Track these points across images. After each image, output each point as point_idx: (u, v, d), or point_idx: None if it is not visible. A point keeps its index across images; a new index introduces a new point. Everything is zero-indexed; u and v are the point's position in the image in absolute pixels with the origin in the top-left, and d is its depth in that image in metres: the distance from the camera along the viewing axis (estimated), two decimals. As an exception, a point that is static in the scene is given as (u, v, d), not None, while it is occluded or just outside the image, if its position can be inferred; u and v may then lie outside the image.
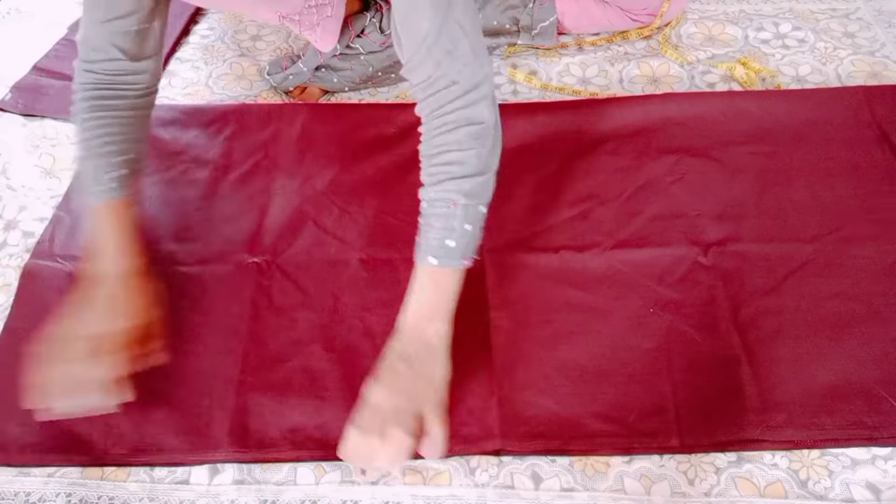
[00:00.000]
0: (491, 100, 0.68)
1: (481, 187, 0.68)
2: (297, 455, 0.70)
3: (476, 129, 0.67)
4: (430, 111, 0.68)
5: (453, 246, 0.67)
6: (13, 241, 0.91)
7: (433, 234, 0.68)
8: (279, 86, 1.07)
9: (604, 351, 0.76)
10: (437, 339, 0.68)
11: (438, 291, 0.69)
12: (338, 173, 0.94)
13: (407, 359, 0.67)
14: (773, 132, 0.96)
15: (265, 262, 0.85)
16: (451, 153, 0.67)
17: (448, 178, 0.67)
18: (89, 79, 0.77)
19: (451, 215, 0.67)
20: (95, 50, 0.76)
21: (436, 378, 0.67)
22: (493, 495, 0.68)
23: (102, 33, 0.75)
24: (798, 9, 1.18)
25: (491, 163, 0.69)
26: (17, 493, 0.70)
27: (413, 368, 0.66)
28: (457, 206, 0.67)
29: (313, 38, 0.97)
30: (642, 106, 1.01)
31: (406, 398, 0.65)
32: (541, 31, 1.08)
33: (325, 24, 0.96)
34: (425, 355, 0.67)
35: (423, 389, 0.66)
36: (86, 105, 0.77)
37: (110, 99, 0.78)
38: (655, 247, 0.85)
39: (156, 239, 0.88)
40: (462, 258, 0.68)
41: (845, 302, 0.79)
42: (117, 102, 0.78)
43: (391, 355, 0.68)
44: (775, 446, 0.69)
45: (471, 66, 0.66)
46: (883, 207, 0.87)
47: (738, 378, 0.74)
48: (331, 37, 0.96)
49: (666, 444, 0.70)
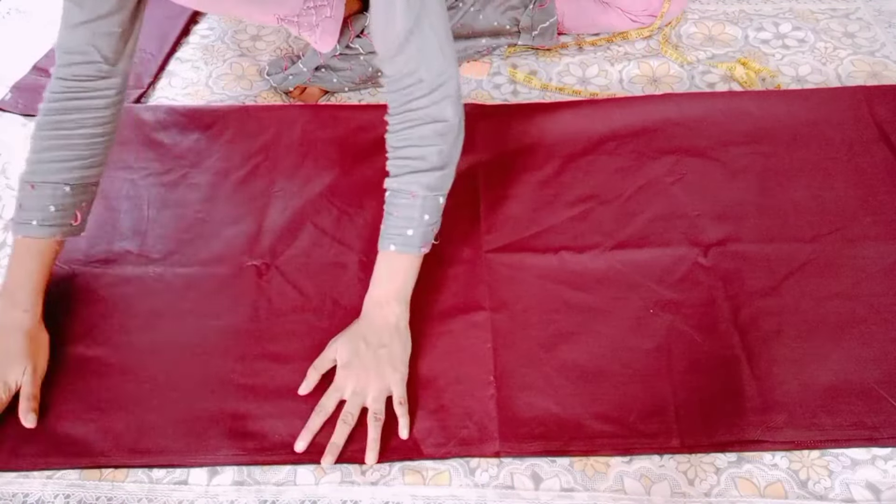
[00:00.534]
0: (455, 98, 0.73)
1: (440, 180, 0.74)
2: (297, 458, 0.70)
3: (440, 126, 0.72)
4: (398, 105, 0.74)
5: (411, 234, 0.73)
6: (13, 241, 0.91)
7: (393, 222, 0.74)
8: (279, 86, 1.07)
9: (604, 351, 0.76)
10: (396, 319, 0.74)
11: (398, 276, 0.75)
12: (337, 175, 0.94)
13: (368, 340, 0.73)
14: (773, 132, 0.96)
15: (264, 264, 0.85)
16: (413, 148, 0.73)
17: (409, 172, 0.73)
18: (59, 87, 0.76)
19: (412, 206, 0.73)
20: (73, 53, 0.75)
21: (397, 357, 0.74)
22: (493, 495, 0.68)
23: (83, 35, 0.74)
24: (798, 9, 1.17)
25: (452, 157, 0.74)
26: (16, 495, 0.70)
27: (374, 349, 0.73)
28: (416, 198, 0.73)
29: (312, 39, 0.97)
30: (642, 106, 1.01)
31: (370, 378, 0.72)
32: (541, 31, 1.08)
33: (324, 25, 0.96)
34: (386, 336, 0.74)
35: (388, 369, 0.72)
36: (47, 120, 0.76)
37: (75, 112, 0.76)
38: (655, 247, 0.85)
39: (155, 241, 0.88)
40: (420, 246, 0.74)
41: (845, 302, 0.79)
42: (85, 117, 0.76)
43: (354, 337, 0.74)
44: (775, 447, 0.69)
45: (438, 66, 0.71)
46: (883, 207, 0.87)
47: (738, 378, 0.74)
48: (330, 37, 0.96)
49: (666, 445, 0.70)
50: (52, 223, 0.75)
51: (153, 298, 0.82)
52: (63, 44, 0.75)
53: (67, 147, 0.76)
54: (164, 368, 0.76)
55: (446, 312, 0.80)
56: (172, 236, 0.88)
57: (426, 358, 0.77)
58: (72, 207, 0.76)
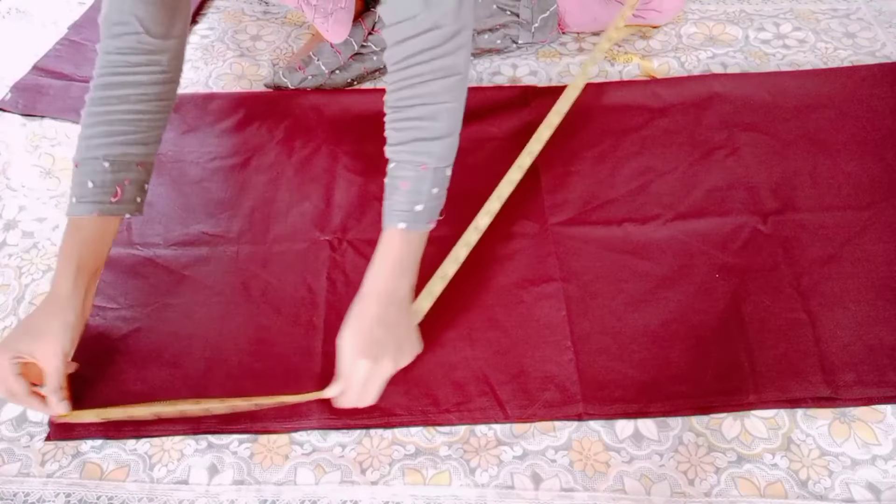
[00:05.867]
0: (468, 50, 0.68)
1: (449, 150, 0.70)
2: (387, 421, 0.73)
3: (452, 80, 0.67)
4: (404, 57, 0.66)
5: (420, 210, 0.70)
6: (13, 241, 0.91)
7: (401, 196, 0.70)
8: (297, 86, 1.07)
9: (674, 316, 0.79)
10: (405, 294, 0.72)
11: (406, 253, 0.71)
12: None
13: (384, 323, 0.69)
14: (819, 107, 0.99)
15: (336, 238, 0.89)
16: (423, 107, 0.66)
17: (417, 139, 0.68)
18: (103, 62, 0.74)
19: (421, 178, 0.68)
20: (115, 24, 0.73)
21: (412, 332, 0.72)
22: (493, 495, 0.68)
23: (125, 2, 0.72)
24: (798, 9, 1.17)
25: (460, 120, 0.70)
26: (17, 494, 0.70)
27: (391, 332, 0.69)
28: (427, 170, 0.68)
29: (325, 27, 0.98)
30: (689, 86, 1.03)
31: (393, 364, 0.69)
32: (541, 24, 1.08)
33: (337, 15, 0.97)
34: (398, 315, 0.71)
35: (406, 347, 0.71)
36: (91, 97, 0.75)
37: (120, 87, 0.74)
38: (715, 216, 0.88)
39: (228, 222, 0.91)
40: (428, 221, 0.71)
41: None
42: (128, 92, 0.74)
43: (367, 324, 0.69)
44: (847, 403, 0.72)
45: (456, 12, 0.64)
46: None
47: (805, 340, 0.76)
48: (342, 27, 0.97)
49: (744, 401, 0.73)
50: (89, 199, 0.72)
51: (231, 275, 0.86)
52: (106, 15, 0.73)
53: (108, 123, 0.73)
54: (249, 340, 0.79)
55: (518, 284, 0.83)
56: (244, 216, 0.92)
57: (502, 327, 0.79)
58: (112, 184, 0.73)
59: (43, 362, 0.68)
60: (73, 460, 0.72)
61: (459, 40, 0.65)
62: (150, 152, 0.77)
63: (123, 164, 0.74)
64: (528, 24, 1.08)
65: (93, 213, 0.73)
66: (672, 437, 0.71)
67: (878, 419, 0.72)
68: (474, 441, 0.72)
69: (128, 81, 0.74)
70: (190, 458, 0.72)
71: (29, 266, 0.88)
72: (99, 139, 0.73)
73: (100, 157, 0.73)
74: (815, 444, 0.70)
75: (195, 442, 0.73)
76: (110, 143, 0.73)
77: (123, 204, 0.75)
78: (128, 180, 0.75)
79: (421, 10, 0.63)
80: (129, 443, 0.73)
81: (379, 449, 0.72)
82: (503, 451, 0.71)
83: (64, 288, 0.70)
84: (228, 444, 0.73)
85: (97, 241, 0.74)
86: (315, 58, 1.05)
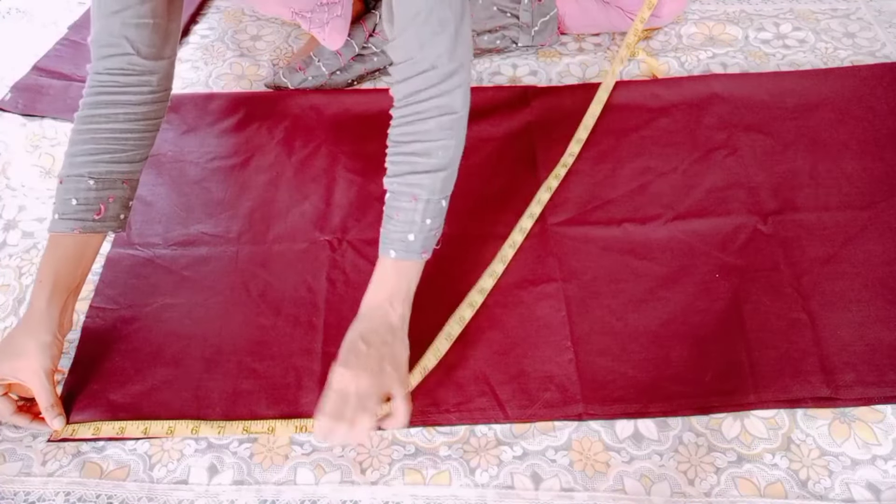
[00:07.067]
0: (466, 88, 0.69)
1: (443, 183, 0.70)
2: None
3: (448, 119, 0.68)
4: (404, 95, 0.69)
5: (412, 240, 0.70)
6: (13, 241, 0.91)
7: (394, 226, 0.71)
8: (297, 87, 1.07)
9: (674, 316, 0.79)
10: (398, 320, 0.71)
11: (398, 280, 0.71)
12: None
13: (368, 340, 0.69)
14: (818, 108, 0.99)
15: (336, 239, 0.89)
16: (418, 143, 0.69)
17: (411, 172, 0.69)
18: (92, 82, 0.75)
19: (413, 210, 0.70)
20: (104, 46, 0.73)
21: (399, 357, 0.70)
22: (493, 495, 0.68)
23: (115, 25, 0.72)
24: (798, 9, 1.17)
25: (457, 154, 0.71)
26: (17, 493, 0.70)
27: (376, 349, 0.68)
28: (418, 202, 0.69)
29: (321, 36, 0.97)
30: (689, 86, 1.03)
31: (371, 379, 0.67)
32: (541, 27, 1.08)
33: (333, 23, 0.97)
34: (387, 336, 0.70)
35: (389, 369, 0.68)
36: (79, 116, 0.75)
37: (109, 106, 0.75)
38: (715, 217, 0.88)
39: (228, 222, 0.91)
40: (421, 252, 0.71)
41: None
42: (117, 112, 0.75)
43: (353, 337, 0.69)
44: (847, 403, 0.72)
45: (451, 52, 0.66)
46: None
47: (805, 340, 0.76)
48: (339, 35, 0.97)
49: (743, 401, 0.72)
50: (71, 216, 0.73)
51: (231, 276, 0.86)
52: (96, 37, 0.74)
53: (94, 141, 0.74)
54: (249, 340, 0.80)
55: (517, 284, 0.83)
56: (243, 216, 0.92)
57: (502, 327, 0.79)
58: (96, 202, 0.74)
59: (27, 383, 0.70)
60: (74, 460, 0.72)
61: (456, 80, 0.67)
62: (135, 170, 0.78)
63: (108, 182, 0.75)
64: (528, 27, 1.08)
65: (74, 231, 0.73)
66: (672, 437, 0.71)
67: (878, 419, 0.72)
68: (474, 441, 0.72)
69: (117, 101, 0.75)
70: (190, 458, 0.72)
71: (29, 266, 0.88)
72: (84, 157, 0.74)
73: (84, 174, 0.73)
74: (815, 444, 0.70)
75: (195, 442, 0.73)
76: (95, 160, 0.74)
77: (106, 221, 0.75)
78: (112, 197, 0.75)
79: (417, 52, 0.66)
80: (129, 443, 0.73)
81: (379, 449, 0.72)
82: (503, 451, 0.71)
83: (39, 307, 0.72)
84: (228, 444, 0.73)
85: (76, 258, 0.74)
86: (316, 59, 1.05)
